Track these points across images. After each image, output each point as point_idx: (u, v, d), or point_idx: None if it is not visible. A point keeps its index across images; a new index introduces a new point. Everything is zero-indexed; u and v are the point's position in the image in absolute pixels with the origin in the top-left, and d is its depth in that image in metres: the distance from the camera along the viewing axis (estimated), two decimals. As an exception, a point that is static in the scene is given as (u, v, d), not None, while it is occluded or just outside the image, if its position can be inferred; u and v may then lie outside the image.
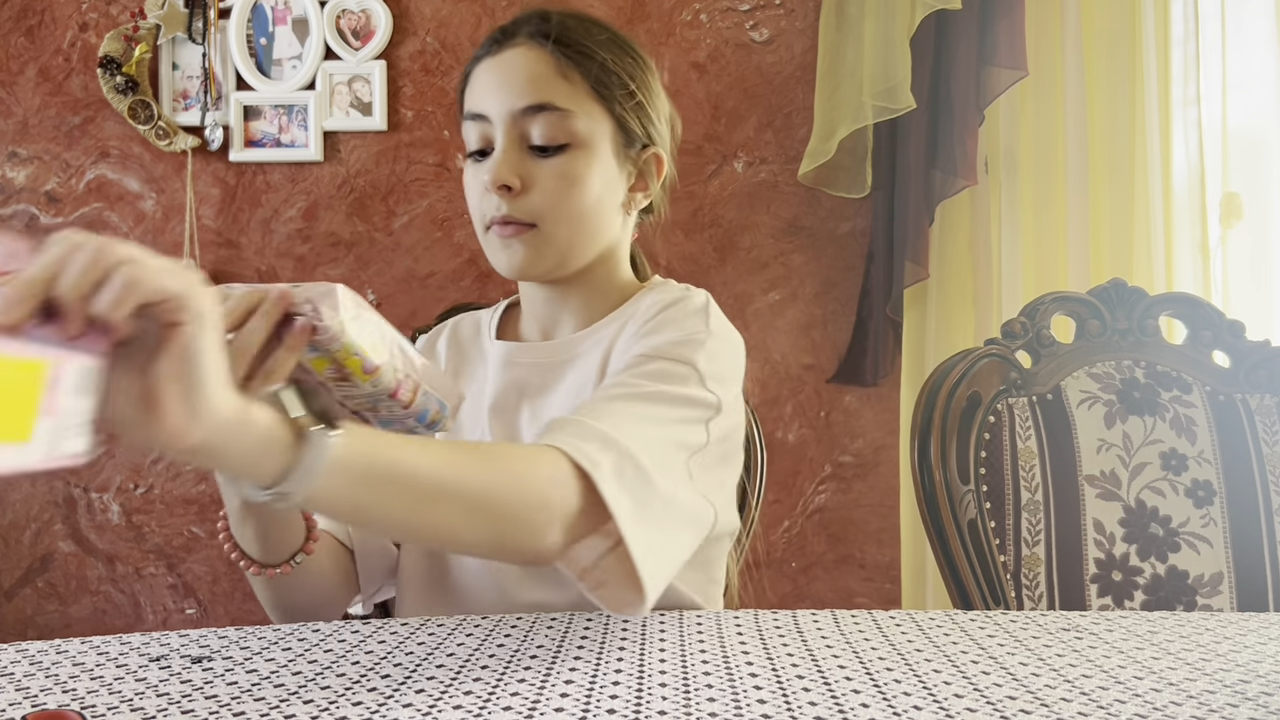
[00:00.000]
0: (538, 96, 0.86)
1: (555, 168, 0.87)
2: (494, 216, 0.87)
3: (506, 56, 0.88)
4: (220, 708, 0.57)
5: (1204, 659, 0.69)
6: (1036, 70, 1.91)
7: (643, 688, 0.60)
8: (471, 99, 0.90)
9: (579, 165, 0.88)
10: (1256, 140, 1.90)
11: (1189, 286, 1.86)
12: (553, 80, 0.87)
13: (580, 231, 0.89)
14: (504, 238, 0.87)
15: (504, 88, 0.87)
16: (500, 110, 0.87)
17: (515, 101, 0.87)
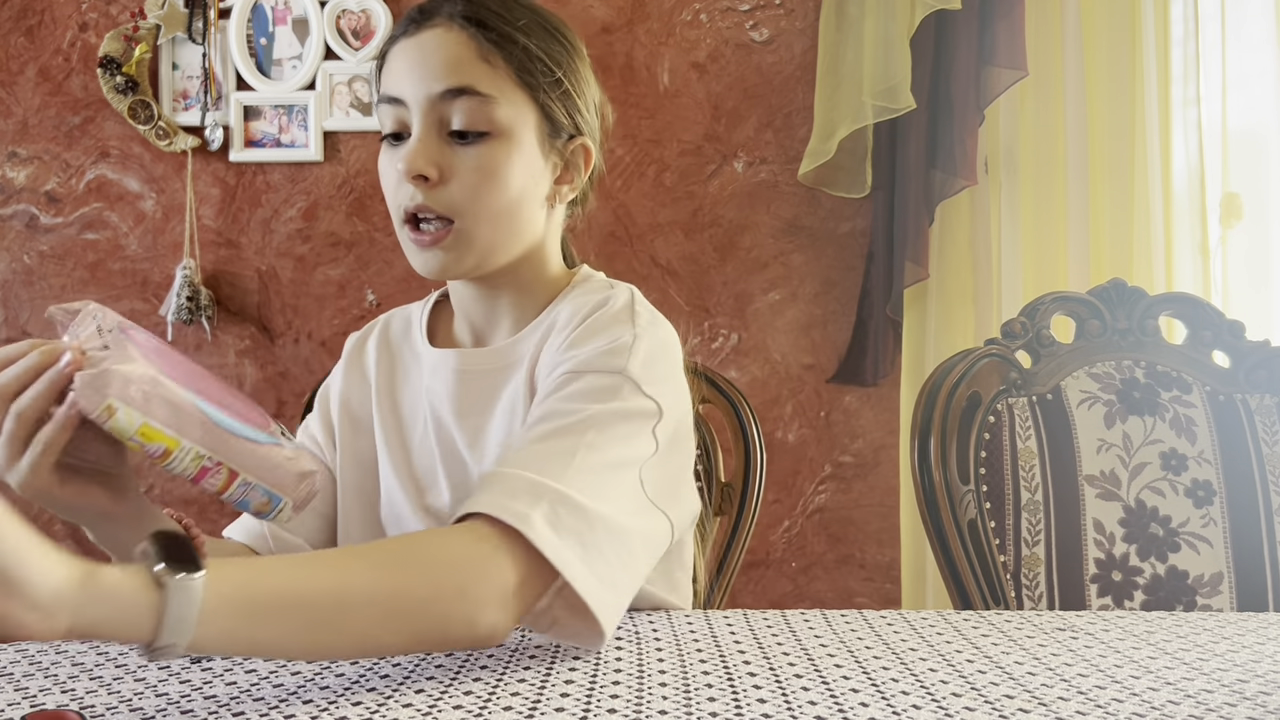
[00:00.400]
0: (457, 80, 0.81)
1: (475, 158, 0.81)
2: (408, 208, 0.82)
3: (424, 37, 0.82)
4: (219, 708, 0.57)
5: (1202, 658, 0.69)
6: (1036, 70, 1.91)
7: (643, 688, 0.60)
8: (387, 81, 0.84)
9: (500, 156, 0.82)
10: (1256, 140, 1.90)
11: (1189, 286, 1.86)
12: (473, 64, 0.82)
13: (501, 228, 0.84)
14: (420, 244, 0.82)
15: (421, 70, 0.81)
16: (417, 94, 0.81)
17: (433, 85, 0.81)
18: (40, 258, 2.16)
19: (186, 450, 0.61)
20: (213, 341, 2.14)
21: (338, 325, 2.14)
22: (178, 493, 2.15)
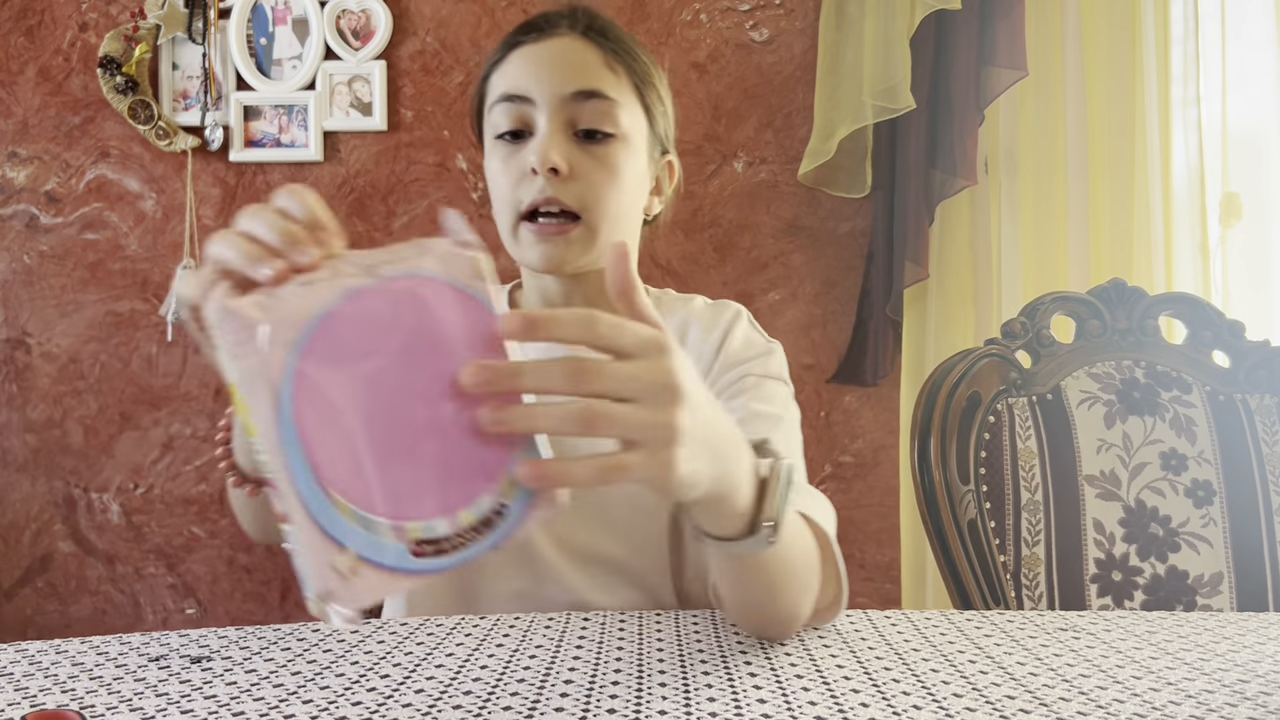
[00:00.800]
0: (589, 83, 0.86)
1: (602, 157, 0.86)
2: (536, 200, 0.84)
3: (552, 44, 0.87)
4: (219, 708, 0.57)
5: (1203, 659, 0.69)
6: (1036, 70, 1.91)
7: (642, 688, 0.60)
8: (508, 80, 0.87)
9: (623, 158, 0.87)
10: (1256, 140, 1.90)
11: (1189, 286, 1.85)
12: (601, 70, 0.87)
13: (619, 227, 0.89)
14: (543, 234, 0.85)
15: (552, 71, 0.86)
16: (547, 93, 0.85)
17: (564, 86, 0.85)
18: (40, 258, 2.16)
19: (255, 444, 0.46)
20: (213, 341, 2.14)
21: (338, 325, 2.14)
22: (178, 493, 2.15)
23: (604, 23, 0.90)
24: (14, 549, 2.18)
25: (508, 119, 0.87)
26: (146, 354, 2.15)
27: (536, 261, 0.87)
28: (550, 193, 0.84)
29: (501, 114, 0.87)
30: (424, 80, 2.13)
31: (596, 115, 0.85)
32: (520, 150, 0.86)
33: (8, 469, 2.17)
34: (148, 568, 2.16)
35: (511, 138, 0.87)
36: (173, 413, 2.15)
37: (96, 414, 2.16)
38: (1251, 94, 1.88)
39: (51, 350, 2.16)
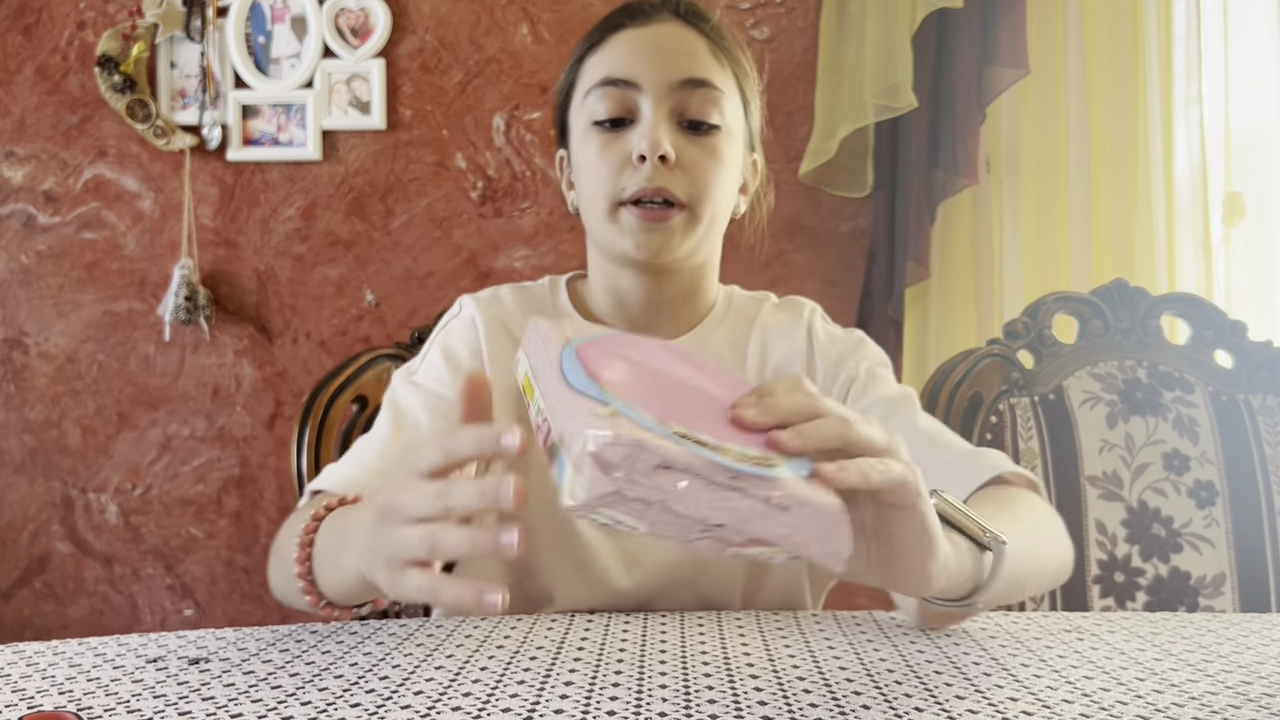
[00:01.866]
0: (699, 71, 0.83)
1: (708, 147, 0.84)
2: (643, 188, 0.82)
3: (658, 29, 0.85)
4: (218, 709, 0.56)
5: (1206, 660, 0.68)
6: (1038, 69, 1.91)
7: (643, 689, 0.60)
8: (612, 65, 0.84)
9: (727, 150, 0.86)
10: (1259, 139, 1.90)
11: (1191, 286, 1.85)
12: (709, 60, 0.85)
13: (718, 220, 0.87)
14: (646, 220, 0.82)
15: (660, 57, 0.83)
16: (656, 79, 0.82)
17: (674, 73, 0.83)
18: (38, 257, 2.15)
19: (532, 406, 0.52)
20: (211, 341, 2.14)
21: (336, 325, 2.14)
22: (175, 493, 2.15)
23: (705, 10, 0.88)
24: (11, 550, 2.17)
25: (610, 105, 0.83)
26: (144, 354, 2.15)
27: (634, 249, 0.84)
28: (659, 181, 0.81)
29: (602, 99, 0.84)
30: (423, 79, 2.12)
31: (704, 105, 0.83)
32: (622, 137, 0.83)
33: (5, 469, 2.16)
34: (145, 569, 2.16)
35: (612, 125, 0.84)
36: (170, 413, 2.14)
37: (94, 414, 2.15)
38: (1254, 93, 1.88)
39: (49, 350, 2.15)
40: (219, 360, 2.14)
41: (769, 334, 0.93)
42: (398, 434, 0.84)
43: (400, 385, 0.89)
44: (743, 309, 0.95)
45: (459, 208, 2.13)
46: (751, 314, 0.94)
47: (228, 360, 2.14)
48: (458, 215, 2.13)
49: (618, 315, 0.91)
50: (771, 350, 0.92)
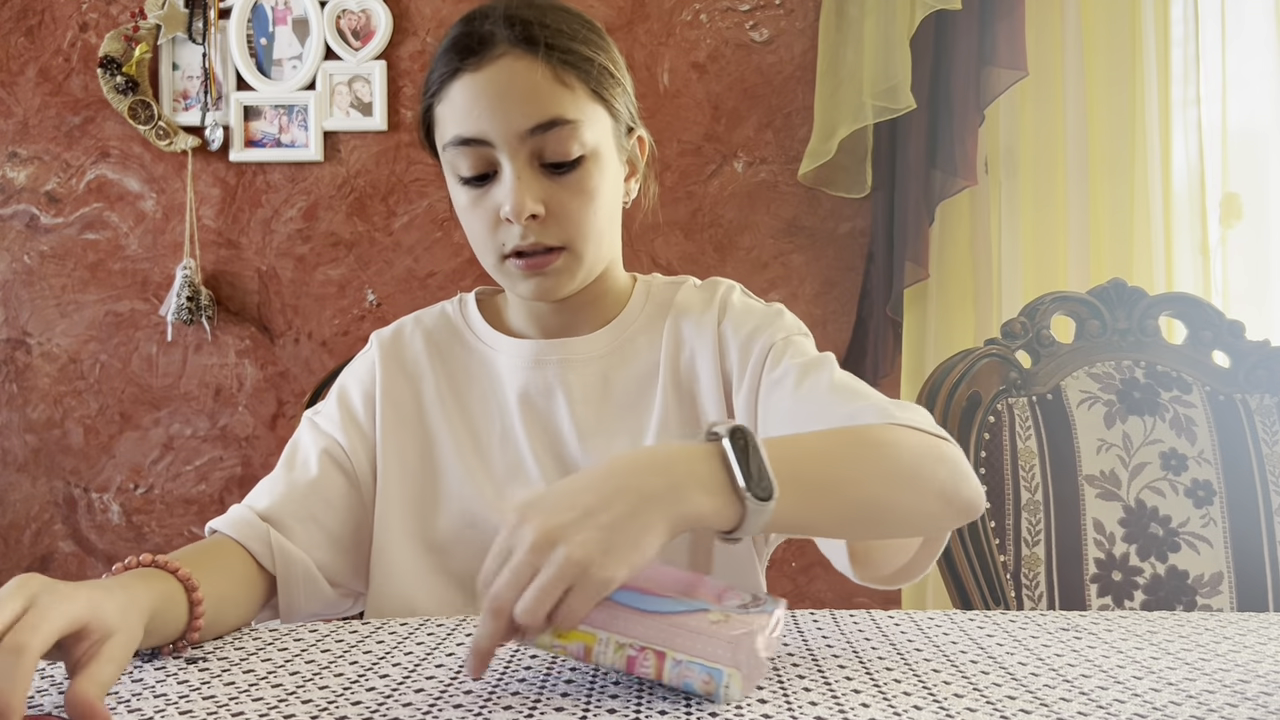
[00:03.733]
0: (547, 112, 0.80)
1: (574, 185, 0.82)
2: (517, 246, 0.82)
3: (493, 71, 0.80)
4: (219, 708, 0.56)
5: (1203, 659, 0.69)
6: (1036, 70, 1.91)
7: (643, 688, 0.60)
8: (458, 121, 0.81)
9: (595, 176, 0.83)
10: (1256, 140, 1.90)
11: (1189, 286, 1.85)
12: (554, 90, 0.80)
13: (604, 243, 0.87)
14: (532, 269, 0.83)
15: (503, 106, 0.79)
16: (505, 131, 0.80)
17: (521, 121, 0.80)
18: (40, 258, 2.16)
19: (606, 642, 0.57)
20: (213, 341, 2.14)
21: (338, 325, 2.14)
22: (178, 493, 2.15)
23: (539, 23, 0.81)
24: (14, 549, 2.18)
25: (469, 163, 0.82)
26: (146, 354, 2.15)
27: (529, 295, 0.86)
28: (532, 238, 0.82)
29: (459, 158, 0.82)
30: (424, 80, 2.13)
31: (561, 144, 0.81)
32: (489, 192, 0.83)
33: (8, 469, 2.17)
34: (148, 568, 2.16)
35: (477, 180, 0.83)
36: (173, 413, 2.15)
37: (96, 414, 2.16)
38: (1251, 94, 1.88)
39: (52, 350, 2.16)
40: (221, 360, 2.15)
41: (682, 315, 0.93)
42: (287, 474, 0.88)
43: (304, 425, 0.92)
44: (660, 296, 0.95)
45: (460, 208, 2.13)
46: (668, 298, 0.95)
47: (230, 360, 2.15)
48: (458, 216, 2.13)
49: (533, 327, 0.93)
50: (684, 329, 0.92)
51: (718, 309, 0.92)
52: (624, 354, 0.92)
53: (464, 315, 0.96)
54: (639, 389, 0.91)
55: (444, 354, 0.94)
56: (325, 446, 0.89)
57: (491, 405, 0.91)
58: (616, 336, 0.92)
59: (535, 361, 0.91)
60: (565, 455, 0.89)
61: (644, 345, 0.92)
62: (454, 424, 0.91)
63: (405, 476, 0.89)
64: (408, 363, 0.93)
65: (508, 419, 0.90)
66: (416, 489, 0.89)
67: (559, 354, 0.91)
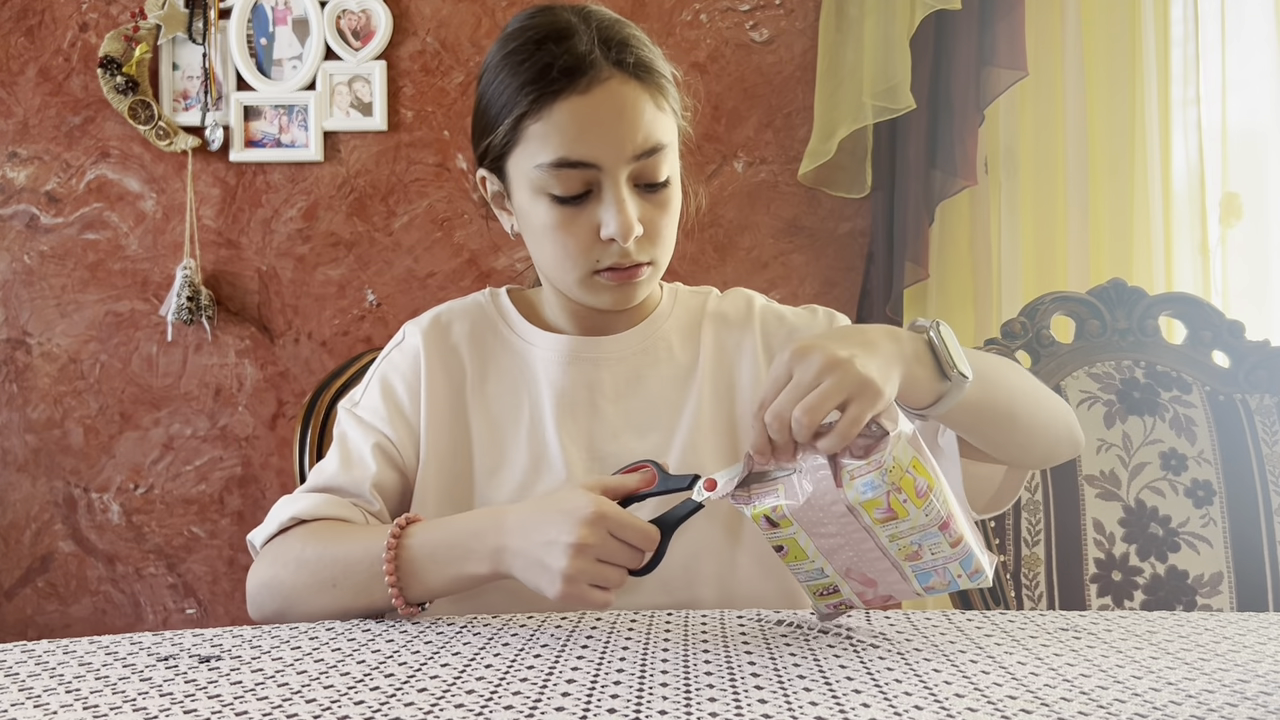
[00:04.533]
0: (654, 138, 0.83)
1: (664, 204, 0.86)
2: (615, 263, 0.85)
3: (601, 96, 0.81)
4: (223, 707, 0.57)
5: (1203, 659, 0.69)
6: (1036, 70, 1.92)
7: (644, 687, 0.60)
8: (564, 144, 0.82)
9: (677, 195, 0.88)
10: (1256, 140, 1.90)
11: (1189, 286, 1.86)
12: (656, 116, 0.84)
13: (671, 253, 0.91)
14: (622, 280, 0.86)
15: (615, 133, 0.82)
16: (615, 158, 0.82)
17: (631, 148, 0.82)
18: (40, 258, 2.16)
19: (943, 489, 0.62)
20: (213, 341, 2.15)
21: (338, 325, 2.14)
22: (178, 493, 2.15)
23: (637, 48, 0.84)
24: (14, 549, 2.18)
25: (569, 184, 0.83)
26: (146, 354, 2.15)
27: (610, 304, 0.89)
28: (634, 256, 0.85)
29: (559, 179, 0.83)
30: (424, 80, 2.13)
31: (657, 167, 0.84)
32: (584, 212, 0.84)
33: (8, 469, 2.17)
34: (148, 568, 2.16)
35: (573, 200, 0.84)
36: (173, 413, 2.15)
37: (97, 414, 2.16)
38: (1251, 94, 1.89)
39: (52, 350, 2.16)
40: (221, 360, 2.15)
41: (722, 324, 0.98)
42: (346, 471, 0.90)
43: (347, 419, 0.94)
44: (690, 302, 1.00)
45: (460, 208, 2.13)
46: (698, 305, 1.00)
47: (230, 360, 2.15)
48: (459, 216, 2.13)
49: (571, 323, 0.96)
50: (725, 338, 0.97)
51: (759, 320, 0.98)
52: (656, 353, 0.95)
53: (498, 308, 0.99)
54: (673, 388, 0.94)
55: (481, 345, 0.97)
56: (377, 441, 0.91)
57: (522, 398, 0.94)
58: (648, 336, 0.96)
59: (571, 357, 0.94)
60: (596, 449, 0.92)
61: (678, 346, 0.97)
62: (489, 415, 0.93)
63: (441, 468, 0.92)
64: (448, 353, 0.96)
65: (537, 412, 0.93)
66: (450, 480, 0.92)
67: (594, 351, 0.94)
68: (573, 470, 0.91)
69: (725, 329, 0.98)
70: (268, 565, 0.84)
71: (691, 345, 0.97)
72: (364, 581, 0.77)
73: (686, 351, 0.96)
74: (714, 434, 0.94)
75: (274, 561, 0.83)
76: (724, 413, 0.94)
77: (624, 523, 0.70)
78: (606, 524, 0.69)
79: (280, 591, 0.82)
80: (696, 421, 0.93)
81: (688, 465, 0.92)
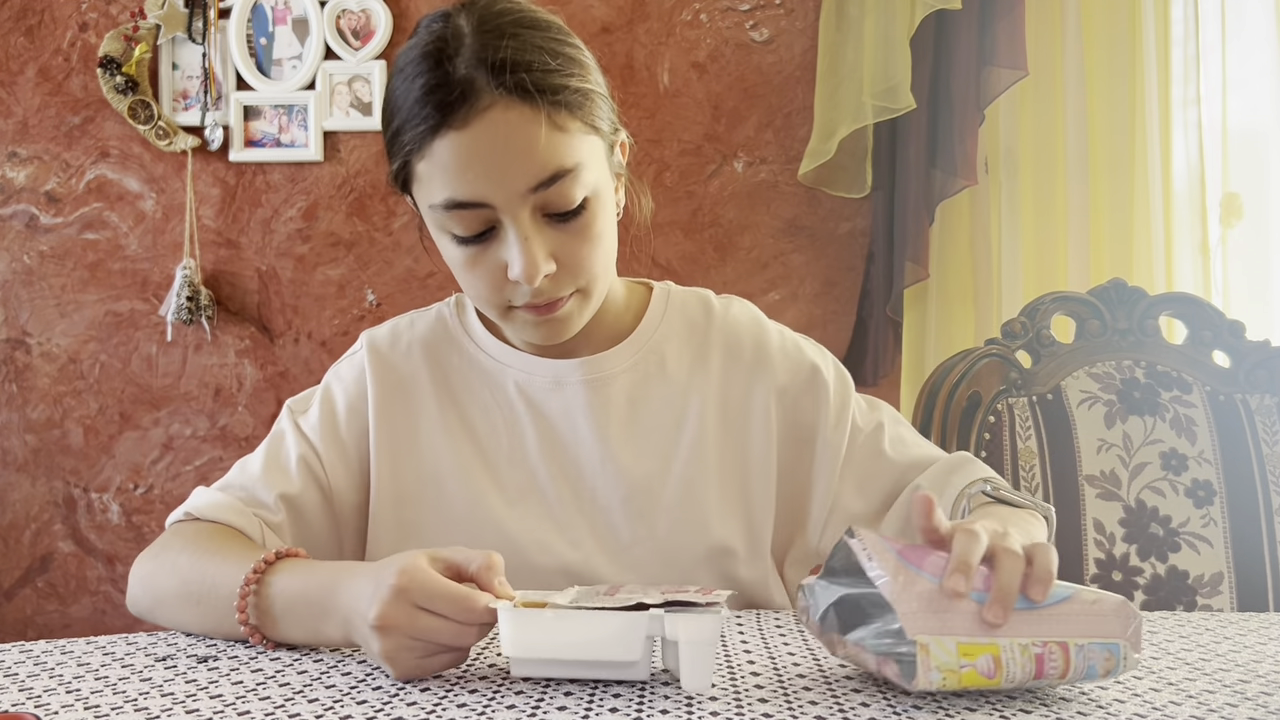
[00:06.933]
0: (548, 167, 0.73)
1: (580, 230, 0.77)
2: (532, 303, 0.78)
3: (483, 127, 0.72)
4: (225, 706, 0.57)
5: (1203, 659, 0.69)
6: (1036, 70, 1.91)
7: (645, 688, 0.60)
8: (449, 185, 0.74)
9: (599, 215, 0.78)
10: (1256, 140, 1.90)
11: (1189, 286, 1.86)
12: (553, 140, 0.73)
13: (610, 271, 0.84)
14: (543, 314, 0.79)
15: (500, 166, 0.73)
16: (506, 193, 0.73)
17: (523, 181, 0.73)
18: (40, 258, 2.16)
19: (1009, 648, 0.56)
20: (213, 341, 2.14)
21: (338, 325, 2.14)
22: (177, 493, 2.15)
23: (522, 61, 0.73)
24: (14, 549, 2.18)
25: (464, 225, 0.75)
26: (146, 354, 2.15)
27: (538, 340, 0.83)
28: (546, 294, 0.78)
29: (452, 220, 0.75)
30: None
31: (564, 195, 0.75)
32: (489, 250, 0.77)
33: (8, 469, 2.17)
34: (148, 567, 2.16)
35: (474, 239, 0.77)
36: (172, 413, 2.15)
37: (96, 414, 2.16)
38: (1252, 94, 1.89)
39: (51, 350, 2.16)
40: (221, 360, 2.15)
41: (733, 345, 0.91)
42: (266, 475, 0.85)
43: (287, 422, 0.89)
44: (685, 309, 0.93)
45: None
46: (699, 315, 0.93)
47: (229, 360, 2.15)
48: (458, 216, 2.13)
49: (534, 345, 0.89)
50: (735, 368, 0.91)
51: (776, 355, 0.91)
52: (647, 369, 0.89)
53: (463, 322, 0.92)
54: (669, 409, 0.88)
55: (442, 365, 0.90)
56: (303, 455, 0.86)
57: (497, 420, 0.88)
58: (638, 350, 0.90)
59: (554, 383, 0.87)
60: (583, 478, 0.86)
61: (672, 358, 0.90)
62: (458, 444, 0.87)
63: (401, 502, 0.86)
64: (405, 378, 0.89)
65: (517, 436, 0.87)
66: (414, 514, 0.86)
67: (579, 374, 0.88)
68: (562, 499, 0.86)
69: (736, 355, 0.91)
70: (150, 559, 0.79)
71: (688, 357, 0.90)
72: (224, 610, 0.70)
73: (682, 364, 0.89)
74: (720, 464, 0.88)
75: (155, 558, 0.79)
76: (734, 442, 0.88)
77: (432, 592, 0.59)
78: (409, 596, 0.59)
79: (153, 591, 0.77)
80: (699, 451, 0.87)
81: (687, 494, 0.86)
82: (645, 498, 0.86)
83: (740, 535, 0.87)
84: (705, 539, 0.86)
